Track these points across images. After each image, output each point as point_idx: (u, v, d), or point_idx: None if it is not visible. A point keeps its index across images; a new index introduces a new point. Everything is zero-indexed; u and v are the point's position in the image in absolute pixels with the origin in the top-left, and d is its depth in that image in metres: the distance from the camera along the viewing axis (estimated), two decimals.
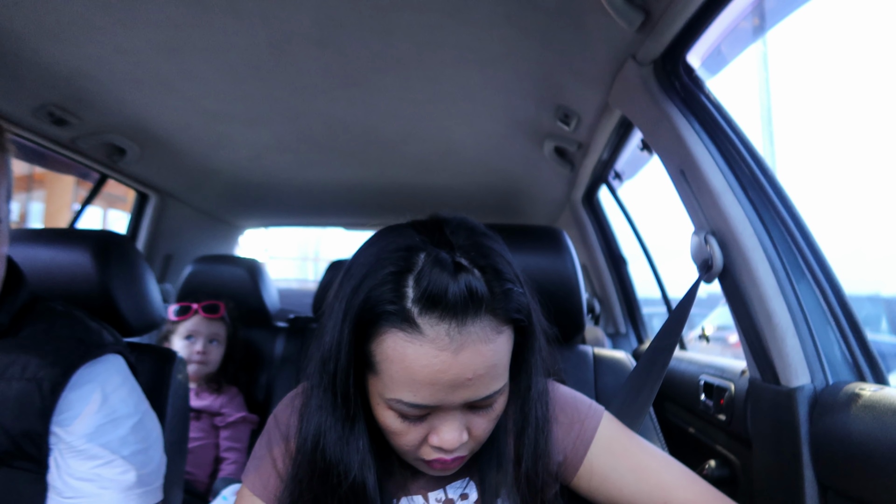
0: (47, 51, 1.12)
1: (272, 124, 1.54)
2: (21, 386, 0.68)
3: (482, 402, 0.53)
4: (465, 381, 0.49)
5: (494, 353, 0.50)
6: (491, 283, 0.50)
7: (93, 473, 0.69)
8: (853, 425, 0.69)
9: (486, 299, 0.49)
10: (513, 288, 0.51)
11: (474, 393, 0.51)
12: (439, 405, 0.51)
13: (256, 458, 0.66)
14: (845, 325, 0.83)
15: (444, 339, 0.48)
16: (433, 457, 0.54)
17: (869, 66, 13.82)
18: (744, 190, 0.88)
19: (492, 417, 0.55)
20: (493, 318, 0.50)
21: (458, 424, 0.52)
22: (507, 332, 0.52)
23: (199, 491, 1.43)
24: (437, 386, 0.49)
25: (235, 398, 1.56)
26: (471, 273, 0.49)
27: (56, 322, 0.76)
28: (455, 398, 0.50)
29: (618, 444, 0.62)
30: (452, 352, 0.48)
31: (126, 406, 0.74)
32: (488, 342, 0.49)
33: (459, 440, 0.53)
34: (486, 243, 0.53)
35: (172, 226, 2.14)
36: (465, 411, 0.53)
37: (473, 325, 0.49)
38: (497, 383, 0.52)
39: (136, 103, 1.39)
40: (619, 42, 0.95)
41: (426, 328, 0.48)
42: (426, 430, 0.53)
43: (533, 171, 1.88)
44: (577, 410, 0.64)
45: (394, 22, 1.02)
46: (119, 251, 0.96)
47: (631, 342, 1.97)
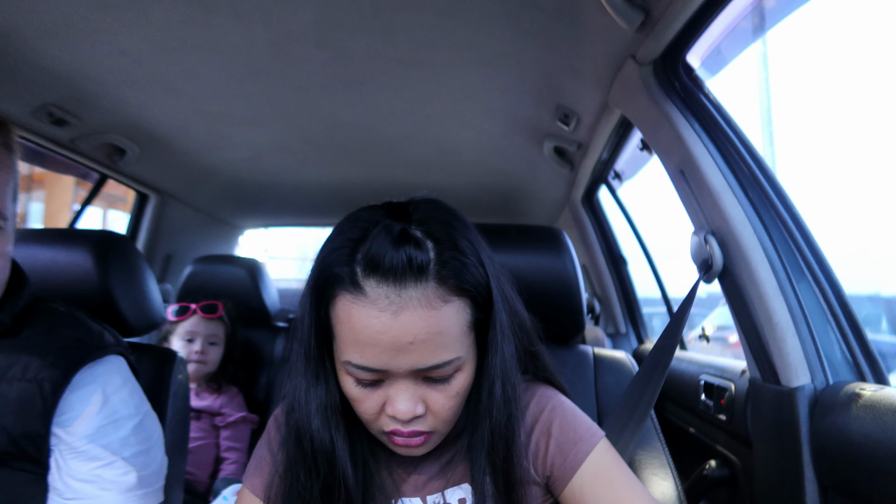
0: (47, 51, 1.12)
1: (272, 124, 1.54)
2: (22, 387, 0.68)
3: (434, 373, 0.53)
4: (406, 344, 0.51)
5: (438, 320, 0.51)
6: (443, 253, 0.52)
7: (93, 475, 0.69)
8: (853, 425, 0.69)
9: (430, 268, 0.51)
10: (466, 261, 0.53)
11: (419, 359, 0.52)
12: (386, 370, 0.52)
13: (256, 459, 0.66)
14: (845, 324, 0.83)
15: (384, 300, 0.50)
16: (390, 428, 0.55)
17: (871, 65, 13.83)
18: (743, 190, 0.89)
19: (450, 394, 0.55)
20: (439, 286, 0.51)
21: (410, 395, 0.53)
22: (456, 303, 0.53)
23: (200, 491, 1.43)
24: (379, 347, 0.51)
25: (236, 398, 1.56)
26: (417, 242, 0.52)
27: (58, 323, 0.76)
28: (400, 363, 0.52)
29: (605, 475, 0.60)
30: (392, 313, 0.50)
31: (127, 407, 0.74)
32: (431, 308, 0.51)
33: (412, 411, 0.53)
34: (448, 220, 0.55)
35: (172, 226, 2.14)
36: (420, 383, 0.54)
37: (415, 290, 0.50)
38: (445, 353, 0.52)
39: (135, 103, 1.39)
40: (618, 42, 0.95)
41: (368, 290, 0.50)
42: (382, 399, 0.54)
43: (533, 171, 1.88)
44: (575, 430, 0.62)
45: (393, 22, 1.02)
46: (119, 251, 0.96)
47: (631, 342, 1.97)
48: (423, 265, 0.51)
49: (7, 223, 0.69)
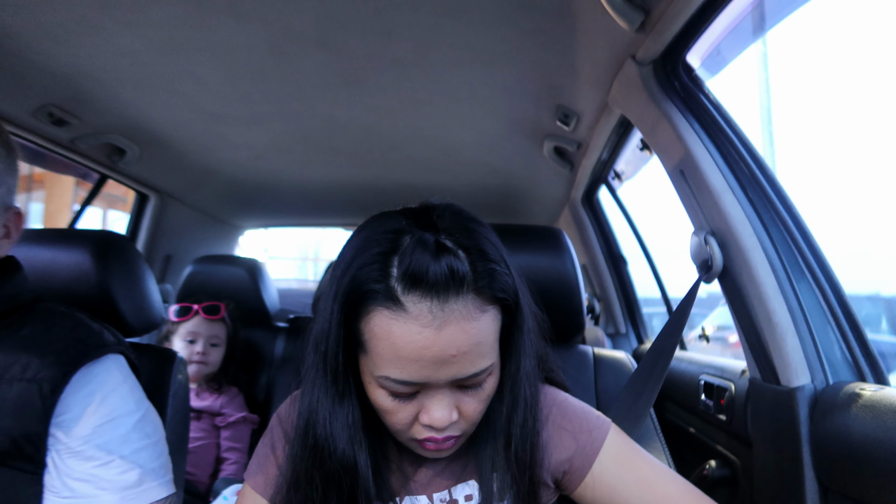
0: (47, 51, 1.12)
1: (272, 124, 1.54)
2: (21, 387, 0.67)
3: (470, 381, 0.54)
4: (449, 357, 0.51)
5: (479, 330, 0.52)
6: (475, 263, 0.52)
7: (89, 474, 0.68)
8: (853, 425, 0.69)
9: (468, 278, 0.51)
10: (497, 268, 0.53)
11: (460, 370, 0.52)
12: (426, 382, 0.52)
13: (259, 457, 0.66)
14: (845, 324, 0.83)
15: (427, 315, 0.50)
16: (424, 435, 0.56)
17: (874, 64, 13.82)
18: (743, 190, 0.89)
19: (482, 398, 0.56)
20: (477, 297, 0.52)
21: (447, 403, 0.54)
22: (492, 312, 0.53)
23: (200, 491, 1.43)
24: (422, 362, 0.51)
25: (236, 398, 1.56)
26: (454, 253, 0.51)
27: (57, 323, 0.76)
28: (441, 375, 0.52)
29: (624, 456, 0.62)
30: (435, 328, 0.50)
31: (126, 404, 0.74)
32: (472, 320, 0.51)
33: (449, 419, 0.54)
34: (471, 226, 0.55)
35: (172, 226, 2.14)
36: (455, 390, 0.54)
37: (456, 303, 0.50)
38: (483, 361, 0.53)
39: (135, 104, 1.39)
40: (618, 42, 0.95)
41: (409, 305, 0.50)
42: (416, 409, 0.55)
43: (532, 171, 1.88)
44: (587, 420, 0.64)
45: (393, 22, 1.02)
46: (119, 251, 0.96)
47: (631, 342, 1.97)
48: (463, 277, 0.50)
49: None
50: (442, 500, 0.62)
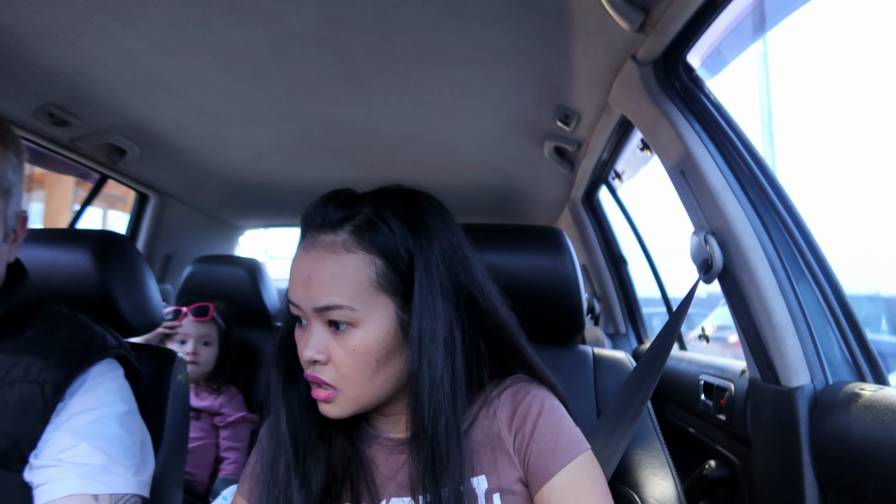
0: (48, 51, 1.12)
1: (272, 124, 1.54)
2: (24, 388, 0.67)
3: (330, 315, 0.57)
4: (307, 279, 0.58)
5: (335, 263, 0.57)
6: (368, 217, 0.59)
7: (53, 458, 0.66)
8: (853, 425, 0.69)
9: (347, 223, 0.59)
10: (385, 228, 0.59)
11: (314, 297, 0.57)
12: (298, 304, 0.59)
13: (249, 465, 0.68)
14: (845, 324, 0.83)
15: (304, 241, 0.61)
16: (305, 371, 0.61)
17: (876, 64, 13.81)
18: (744, 190, 0.89)
19: (347, 348, 0.58)
20: (349, 238, 0.59)
21: (315, 339, 0.58)
22: (360, 256, 0.58)
23: (200, 491, 1.43)
24: (294, 282, 0.60)
25: (235, 398, 1.56)
26: (348, 204, 0.60)
27: (60, 324, 0.76)
28: (304, 299, 0.58)
29: (580, 488, 0.58)
30: (305, 251, 0.60)
31: (112, 397, 0.73)
32: (333, 253, 0.58)
33: (313, 351, 0.58)
34: (401, 202, 0.62)
35: (172, 226, 2.14)
36: (326, 329, 0.59)
37: (326, 236, 0.59)
38: (336, 296, 0.57)
39: (135, 104, 1.39)
40: (618, 42, 0.95)
41: (301, 233, 0.62)
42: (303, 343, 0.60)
43: (533, 172, 1.87)
44: (557, 440, 0.60)
45: (393, 22, 1.02)
46: (119, 251, 0.96)
47: (631, 342, 1.97)
48: (338, 220, 0.59)
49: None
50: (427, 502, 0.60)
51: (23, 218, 0.76)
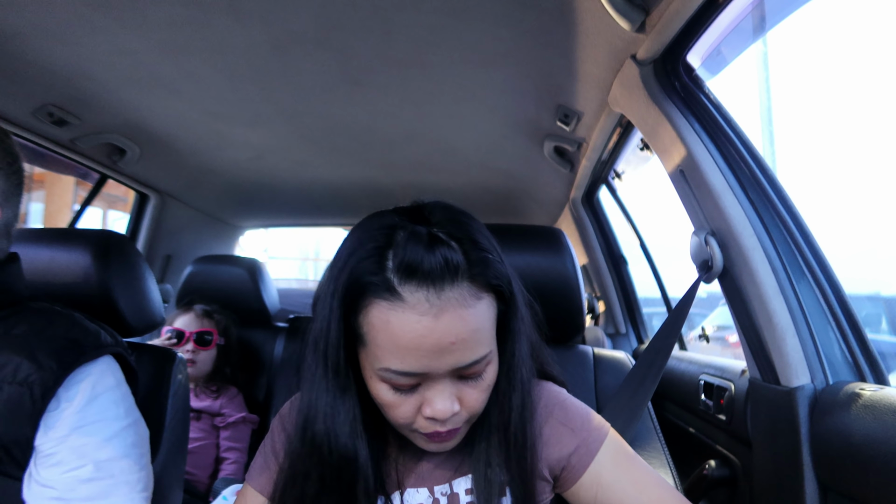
0: (48, 51, 1.12)
1: (272, 124, 1.54)
2: (12, 390, 0.66)
3: (470, 370, 0.54)
4: (448, 345, 0.51)
5: (475, 317, 0.53)
6: (468, 252, 0.53)
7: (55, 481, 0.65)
8: (853, 425, 0.69)
9: (462, 267, 0.52)
10: (489, 257, 0.54)
11: (460, 358, 0.53)
12: (426, 372, 0.53)
13: (260, 457, 0.66)
14: (845, 324, 0.83)
15: (425, 304, 0.51)
16: (429, 429, 0.56)
17: (877, 63, 13.78)
18: (744, 190, 0.89)
19: (483, 387, 0.56)
20: (472, 285, 0.53)
21: (448, 394, 0.54)
22: (487, 299, 0.54)
23: (200, 491, 1.43)
24: (421, 351, 0.51)
25: (235, 398, 1.56)
26: (447, 244, 0.53)
27: (53, 322, 0.73)
28: (441, 364, 0.52)
29: (622, 458, 0.63)
30: (433, 316, 0.51)
31: (114, 409, 0.71)
32: (468, 307, 0.52)
33: (451, 409, 0.54)
34: (461, 219, 0.56)
35: (172, 226, 2.14)
36: (455, 381, 0.55)
37: (452, 291, 0.51)
38: (481, 349, 0.54)
39: (135, 104, 1.39)
40: (618, 42, 0.95)
41: (406, 295, 0.51)
42: (418, 402, 0.55)
43: (533, 171, 1.87)
44: (588, 420, 0.65)
45: (394, 22, 1.02)
46: (119, 251, 0.96)
47: (631, 342, 1.97)
48: (457, 265, 0.52)
49: None
50: (443, 493, 0.62)
51: None
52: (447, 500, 0.62)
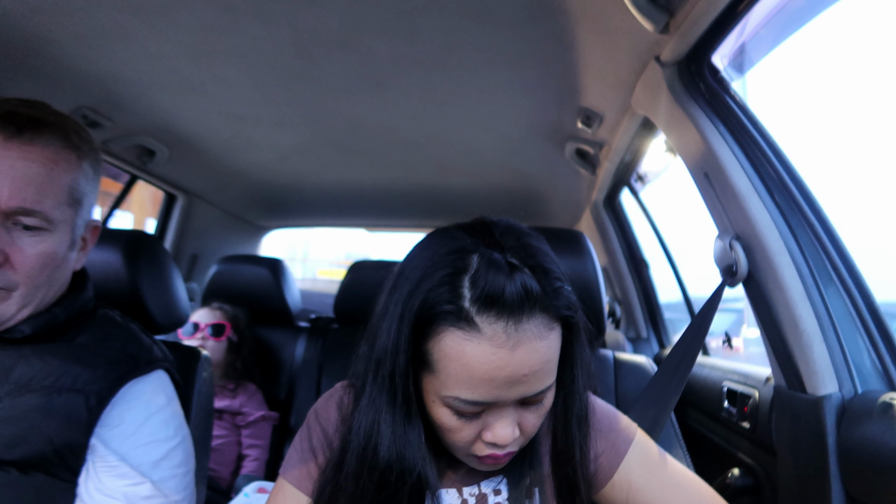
0: (82, 56, 1.16)
1: (297, 126, 1.57)
2: (70, 397, 0.69)
3: (534, 399, 0.55)
4: (520, 377, 0.51)
5: (548, 349, 0.52)
6: (541, 281, 0.52)
7: (121, 493, 0.69)
8: (885, 436, 0.67)
9: (539, 297, 0.51)
10: (562, 286, 0.54)
11: (529, 389, 0.53)
12: (496, 402, 0.53)
13: (296, 453, 0.66)
14: (875, 332, 0.80)
15: (502, 336, 0.50)
16: (486, 453, 0.56)
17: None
18: (770, 193, 0.87)
19: (541, 413, 0.57)
20: (546, 316, 0.52)
21: (511, 420, 0.54)
22: (557, 329, 0.54)
23: (222, 487, 1.46)
24: (494, 382, 0.51)
25: (254, 396, 1.58)
26: (523, 272, 0.51)
27: (111, 334, 0.77)
28: (511, 395, 0.52)
29: (651, 458, 0.63)
30: (510, 349, 0.50)
31: (167, 429, 0.74)
32: (542, 339, 0.51)
33: (513, 436, 0.54)
34: (532, 244, 0.56)
35: (199, 226, 2.19)
36: (518, 407, 0.55)
37: (529, 323, 0.51)
38: (549, 379, 0.54)
39: (165, 106, 1.43)
40: (642, 43, 0.94)
41: (484, 327, 0.50)
42: (480, 427, 0.55)
43: (554, 174, 1.86)
44: (616, 421, 0.65)
45: (416, 24, 1.03)
46: (148, 250, 0.98)
47: (652, 347, 1.95)
48: (536, 296, 0.51)
49: (55, 226, 0.70)
50: (471, 494, 0.63)
51: (93, 227, 0.79)
52: (475, 501, 0.62)
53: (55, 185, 0.70)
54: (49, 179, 0.69)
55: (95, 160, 0.77)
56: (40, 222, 0.69)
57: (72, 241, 0.74)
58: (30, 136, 0.68)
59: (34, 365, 0.70)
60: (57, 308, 0.74)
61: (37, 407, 0.67)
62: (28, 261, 0.68)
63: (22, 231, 0.68)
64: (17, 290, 0.69)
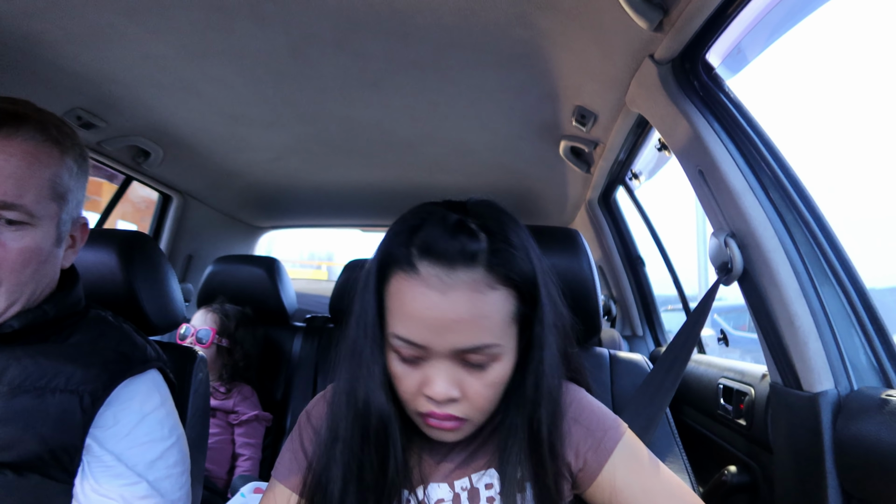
0: (77, 57, 1.15)
1: (291, 127, 1.56)
2: (64, 398, 0.68)
3: (472, 356, 0.55)
4: (450, 322, 0.54)
5: (483, 303, 0.54)
6: (495, 244, 0.56)
7: (116, 493, 0.69)
8: (880, 432, 0.67)
9: (481, 255, 0.55)
10: (515, 253, 0.56)
11: (459, 339, 0.54)
12: (427, 346, 0.55)
13: (288, 452, 0.68)
14: (871, 328, 0.81)
15: (435, 279, 0.54)
16: (426, 408, 0.57)
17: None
18: (764, 190, 0.87)
19: (486, 382, 0.57)
20: (489, 274, 0.55)
21: (447, 376, 0.56)
22: (502, 291, 0.55)
23: (218, 487, 1.45)
24: (425, 322, 0.54)
25: (249, 398, 1.57)
26: (472, 233, 0.55)
27: (104, 333, 0.77)
28: (442, 342, 0.54)
29: (636, 461, 0.63)
30: (441, 292, 0.54)
31: (162, 429, 0.74)
32: (478, 292, 0.54)
33: (447, 393, 0.56)
34: (503, 218, 0.59)
35: (194, 226, 2.18)
36: (458, 367, 0.56)
37: (464, 274, 0.54)
38: (484, 336, 0.55)
39: (160, 107, 1.42)
40: (636, 41, 0.94)
41: (421, 269, 0.55)
42: (421, 378, 0.57)
43: (549, 172, 1.87)
44: (604, 419, 0.65)
45: (410, 24, 1.03)
46: (143, 251, 0.98)
47: (648, 344, 1.95)
48: (475, 253, 0.54)
49: (38, 221, 0.70)
50: (463, 488, 0.63)
51: (82, 224, 0.78)
52: (467, 495, 0.63)
53: (36, 179, 0.69)
54: (30, 173, 0.68)
55: (80, 156, 0.76)
56: (22, 216, 0.68)
57: (58, 237, 0.74)
58: (9, 131, 0.67)
59: (27, 366, 0.69)
60: (47, 305, 0.73)
61: (31, 408, 0.67)
62: (10, 255, 0.67)
63: (4, 225, 0.67)
64: (1, 286, 0.68)
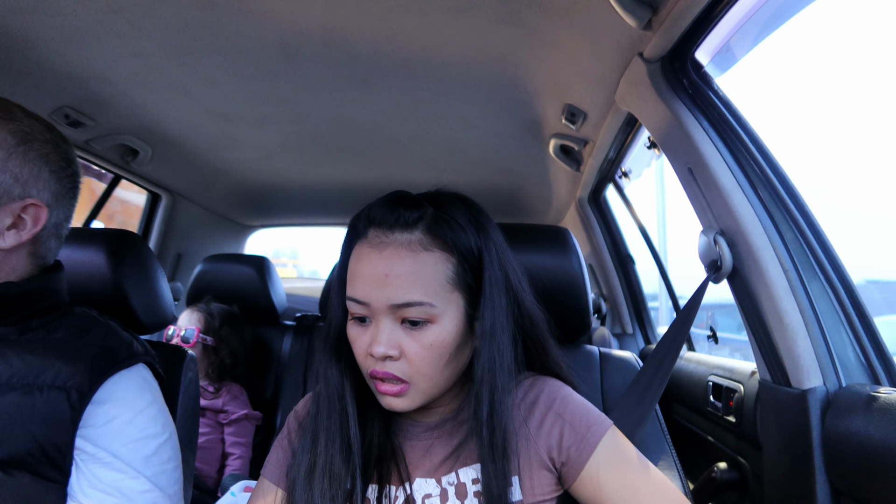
0: (64, 55, 1.14)
1: (280, 125, 1.55)
2: (52, 394, 0.68)
3: (407, 313, 0.58)
4: (384, 277, 0.58)
5: (415, 261, 0.59)
6: (438, 215, 0.61)
7: (114, 487, 0.68)
8: (869, 429, 0.68)
9: (422, 222, 0.60)
10: (457, 225, 0.61)
11: (394, 294, 0.58)
12: (368, 302, 0.59)
13: (275, 450, 0.69)
14: (859, 325, 0.81)
15: (375, 239, 0.61)
16: (371, 368, 0.60)
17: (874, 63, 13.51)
18: (753, 188, 0.87)
19: (423, 343, 0.59)
20: (425, 236, 0.60)
21: (387, 335, 0.59)
22: (437, 254, 0.60)
23: (209, 487, 1.44)
24: (364, 279, 0.60)
25: (239, 397, 1.56)
26: (417, 204, 0.62)
27: (90, 329, 0.76)
28: (379, 296, 0.59)
29: (620, 457, 0.62)
30: (378, 250, 0.60)
31: (155, 425, 0.74)
32: (412, 251, 0.59)
33: (386, 347, 0.59)
34: (456, 201, 0.64)
35: (183, 225, 2.17)
36: (398, 327, 0.60)
37: (401, 235, 0.60)
38: (417, 293, 0.58)
39: (148, 105, 1.41)
40: (625, 39, 0.94)
41: (367, 232, 0.62)
42: (369, 340, 0.60)
43: (539, 170, 1.87)
44: (587, 415, 0.65)
45: (400, 22, 1.02)
46: (132, 250, 0.97)
47: (638, 342, 1.96)
48: (415, 219, 0.60)
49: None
50: (450, 483, 0.63)
51: (29, 205, 0.71)
52: (454, 490, 0.63)
53: None
54: None
55: (17, 131, 0.71)
56: None
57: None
58: None
59: (13, 363, 0.68)
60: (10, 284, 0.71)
61: (19, 405, 0.66)
62: None
63: None
64: None
